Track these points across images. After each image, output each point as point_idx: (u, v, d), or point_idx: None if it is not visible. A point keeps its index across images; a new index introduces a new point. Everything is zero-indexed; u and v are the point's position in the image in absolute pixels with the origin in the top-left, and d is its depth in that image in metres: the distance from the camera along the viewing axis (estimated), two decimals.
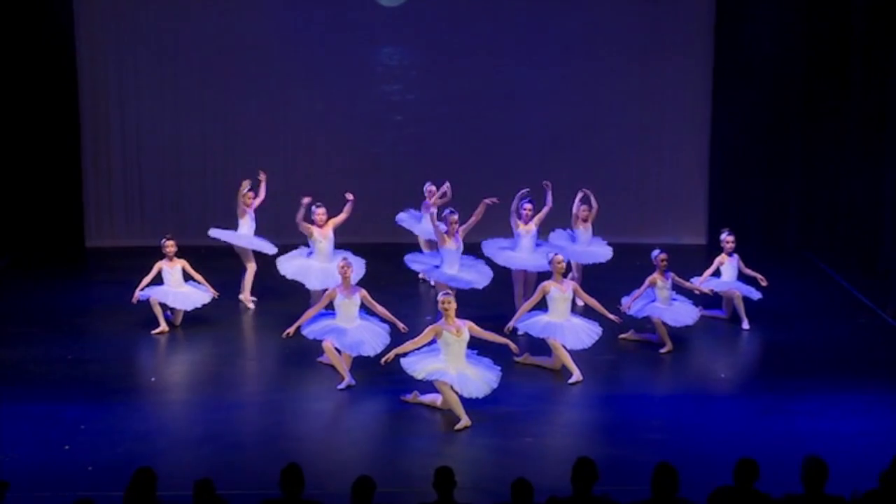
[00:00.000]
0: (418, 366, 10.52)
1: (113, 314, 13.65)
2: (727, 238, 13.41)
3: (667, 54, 17.01)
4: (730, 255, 13.38)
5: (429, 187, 14.67)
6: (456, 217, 12.89)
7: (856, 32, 15.65)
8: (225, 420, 10.64)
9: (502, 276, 13.41)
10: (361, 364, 11.60)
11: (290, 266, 13.17)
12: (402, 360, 10.63)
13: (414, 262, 13.40)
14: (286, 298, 13.73)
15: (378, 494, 6.76)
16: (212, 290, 13.17)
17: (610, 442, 10.14)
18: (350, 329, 11.44)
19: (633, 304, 12.56)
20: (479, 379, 10.55)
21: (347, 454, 9.98)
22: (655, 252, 12.67)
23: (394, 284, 13.64)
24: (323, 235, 13.10)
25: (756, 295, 13.31)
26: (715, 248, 14.37)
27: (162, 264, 13.06)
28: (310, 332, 11.54)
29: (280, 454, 9.07)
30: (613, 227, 14.48)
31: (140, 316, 13.26)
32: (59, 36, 16.39)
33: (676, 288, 12.76)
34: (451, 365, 10.44)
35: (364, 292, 11.60)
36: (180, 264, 13.11)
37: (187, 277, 13.19)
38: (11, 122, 16.28)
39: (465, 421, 10.33)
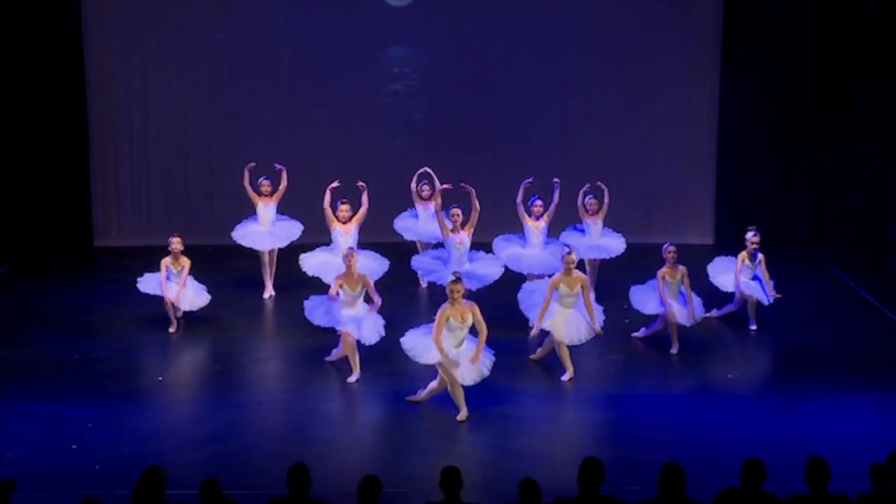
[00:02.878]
0: (419, 349, 10.52)
1: (120, 313, 13.65)
2: (752, 238, 13.07)
3: (674, 53, 16.99)
4: (753, 254, 13.16)
5: (425, 185, 14.66)
6: (458, 211, 12.90)
7: (864, 31, 15.61)
8: (232, 419, 10.65)
9: (515, 278, 13.37)
10: (367, 364, 11.61)
11: (312, 262, 13.20)
12: (403, 343, 10.62)
13: (420, 266, 13.32)
14: (294, 299, 13.72)
15: (384, 494, 6.76)
16: (206, 294, 13.16)
17: (617, 442, 10.13)
18: (352, 316, 11.44)
19: (638, 297, 12.52)
20: (473, 367, 10.49)
21: (354, 454, 10.00)
22: (665, 245, 12.59)
23: (396, 284, 13.63)
24: (346, 231, 13.14)
25: (768, 300, 13.11)
26: (721, 249, 14.33)
27: (167, 261, 13.03)
28: (315, 318, 11.55)
29: (287, 453, 9.07)
30: (620, 227, 14.44)
31: (147, 315, 13.27)
32: (67, 34, 16.38)
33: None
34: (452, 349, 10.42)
35: (369, 280, 11.59)
36: (185, 264, 13.07)
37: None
38: (19, 121, 16.28)
39: (463, 413, 10.34)
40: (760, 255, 13.11)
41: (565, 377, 11.56)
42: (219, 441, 10.12)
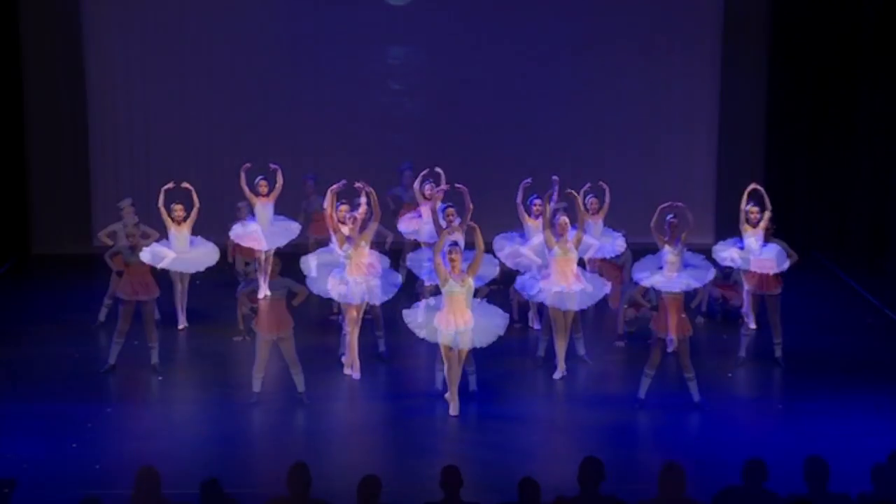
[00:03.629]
0: (419, 321, 10.56)
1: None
2: (752, 209, 12.71)
3: (675, 53, 17.00)
4: (755, 226, 12.69)
5: (428, 185, 14.64)
6: (453, 211, 12.87)
7: (865, 31, 15.62)
8: (232, 419, 10.65)
9: (514, 277, 13.35)
10: (368, 365, 11.60)
11: (313, 263, 13.16)
12: (405, 313, 10.65)
13: (417, 265, 13.32)
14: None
15: (384, 493, 6.76)
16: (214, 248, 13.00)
17: (617, 442, 10.13)
18: (355, 281, 11.45)
19: (638, 268, 12.47)
20: (484, 328, 10.50)
21: (354, 454, 9.99)
22: (668, 216, 12.54)
23: None
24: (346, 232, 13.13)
25: (776, 269, 12.86)
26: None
27: (170, 225, 12.89)
28: (319, 291, 11.59)
29: (287, 453, 9.07)
30: (620, 226, 14.43)
31: None
32: (67, 34, 16.40)
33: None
34: (453, 319, 10.40)
35: (370, 232, 11.59)
36: (187, 228, 12.89)
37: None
38: (19, 121, 16.29)
39: (453, 408, 10.36)
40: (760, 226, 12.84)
41: (556, 375, 11.55)
42: (219, 440, 10.11)
